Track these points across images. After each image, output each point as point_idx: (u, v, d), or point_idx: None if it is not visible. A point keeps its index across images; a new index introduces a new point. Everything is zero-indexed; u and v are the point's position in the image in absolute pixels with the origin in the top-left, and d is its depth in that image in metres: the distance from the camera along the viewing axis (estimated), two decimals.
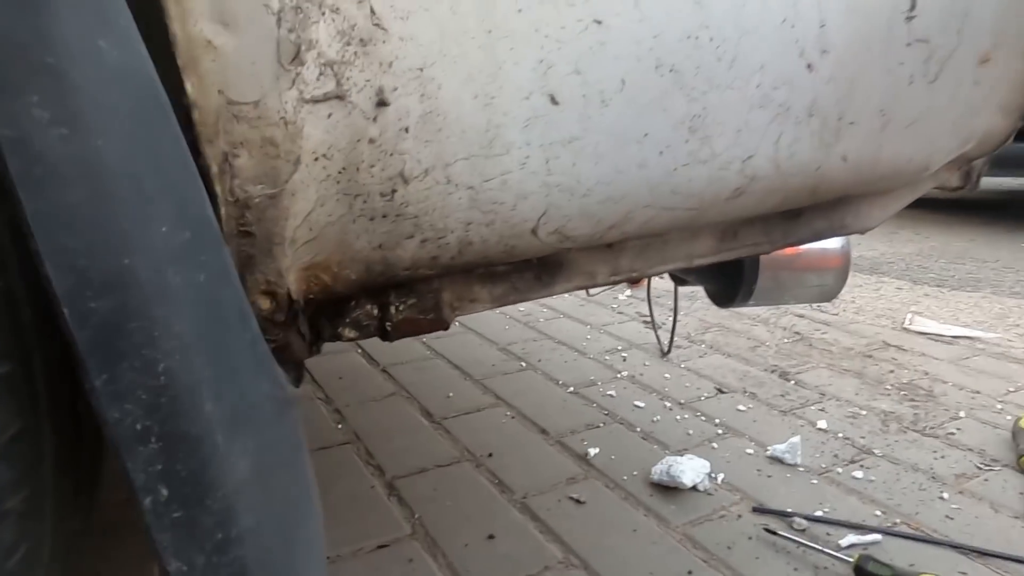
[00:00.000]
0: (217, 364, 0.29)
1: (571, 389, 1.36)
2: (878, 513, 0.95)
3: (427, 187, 0.37)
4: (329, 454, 1.11)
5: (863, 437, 1.16)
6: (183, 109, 0.29)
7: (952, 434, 1.18)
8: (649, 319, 1.67)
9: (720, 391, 1.35)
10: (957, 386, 1.38)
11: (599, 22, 0.38)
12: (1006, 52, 0.53)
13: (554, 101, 0.38)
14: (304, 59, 0.30)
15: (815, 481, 1.03)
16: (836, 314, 1.87)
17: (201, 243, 0.27)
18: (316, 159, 0.33)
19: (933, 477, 1.04)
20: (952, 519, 0.93)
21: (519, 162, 0.39)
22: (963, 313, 1.88)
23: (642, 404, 1.29)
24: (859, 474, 1.04)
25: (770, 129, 0.46)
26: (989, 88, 0.54)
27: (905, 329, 1.75)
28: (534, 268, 0.48)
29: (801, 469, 1.06)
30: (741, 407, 1.28)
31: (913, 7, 0.46)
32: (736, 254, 0.54)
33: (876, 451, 1.12)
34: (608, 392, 1.35)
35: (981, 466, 1.08)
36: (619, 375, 1.43)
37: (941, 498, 0.99)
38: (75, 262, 0.23)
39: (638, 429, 1.19)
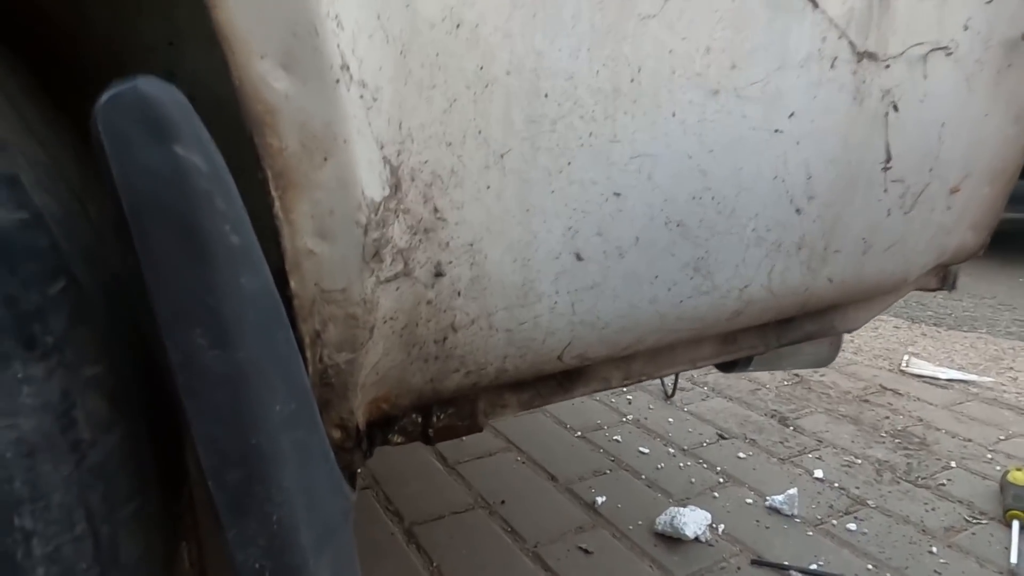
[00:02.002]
0: (309, 503, 0.36)
1: (579, 433, 1.43)
2: (870, 567, 1.01)
3: (472, 333, 0.44)
4: None
5: (857, 487, 1.23)
6: (286, 299, 0.36)
7: (943, 485, 1.24)
8: None
9: (721, 437, 1.42)
10: (950, 434, 1.45)
11: (618, 194, 0.45)
12: (974, 181, 0.60)
13: (579, 258, 0.45)
14: (383, 256, 0.37)
15: (811, 533, 1.09)
16: None
17: (302, 410, 0.35)
18: (385, 322, 0.40)
19: (924, 530, 1.11)
20: (940, 574, 1.00)
21: (549, 307, 0.46)
22: (958, 354, 1.94)
23: (646, 450, 1.35)
24: (853, 526, 1.11)
25: (764, 262, 0.53)
26: (960, 212, 0.61)
27: (902, 371, 1.81)
28: (557, 378, 0.55)
29: (798, 520, 1.12)
30: (741, 454, 1.34)
31: (889, 159, 0.53)
32: (735, 356, 0.62)
33: (870, 502, 1.18)
34: (614, 437, 1.41)
35: (970, 519, 1.14)
36: (625, 419, 1.50)
37: (931, 552, 1.05)
38: (219, 445, 0.31)
39: (643, 476, 1.26)
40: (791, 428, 1.46)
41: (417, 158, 0.38)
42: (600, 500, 1.16)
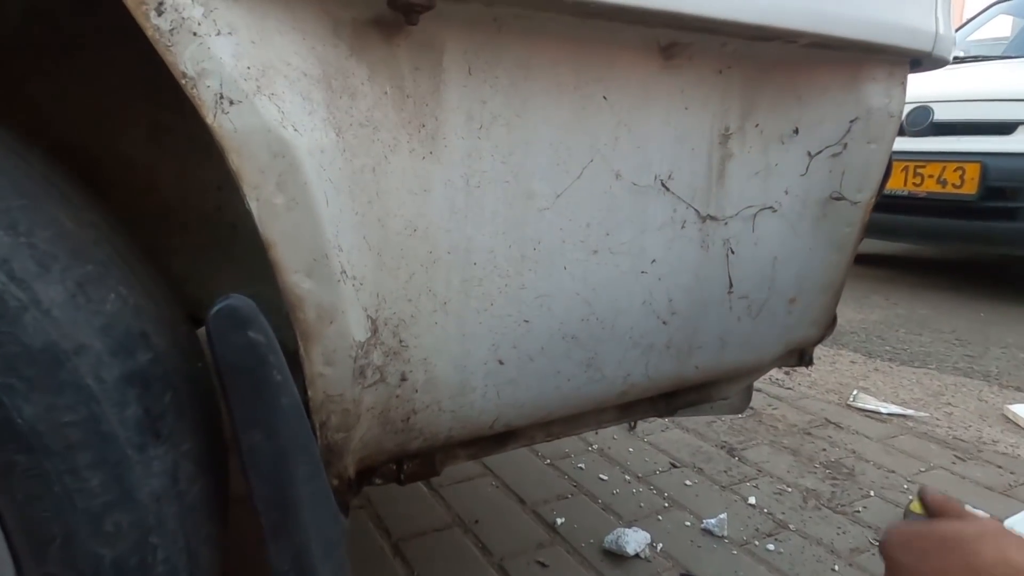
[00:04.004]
0: (317, 529, 0.59)
1: (548, 460, 1.65)
2: None
3: (428, 414, 0.67)
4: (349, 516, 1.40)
5: (783, 513, 1.45)
6: (305, 402, 0.59)
7: (858, 512, 1.46)
8: None
9: (673, 465, 1.64)
10: (876, 465, 1.66)
11: (527, 321, 0.68)
12: (808, 293, 0.83)
13: (501, 363, 0.68)
14: (366, 372, 0.60)
15: (735, 552, 1.31)
16: (791, 388, 2.15)
17: (314, 471, 0.57)
18: (368, 411, 0.63)
19: (832, 551, 1.32)
20: None
21: (481, 395, 0.69)
22: (904, 389, 2.16)
23: (605, 477, 1.58)
24: (772, 546, 1.33)
25: (640, 358, 0.76)
26: (799, 315, 0.83)
27: (848, 405, 2.03)
28: (494, 438, 0.78)
29: (726, 541, 1.34)
30: (688, 481, 1.56)
31: (731, 286, 0.76)
32: (633, 419, 0.84)
33: (791, 526, 1.40)
34: (579, 464, 1.63)
35: (873, 542, 1.36)
36: (590, 447, 1.72)
37: (833, 569, 1.27)
38: (267, 497, 0.53)
39: (599, 500, 1.48)
40: (736, 458, 1.68)
41: (389, 311, 0.61)
42: (560, 521, 1.38)
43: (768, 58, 0.71)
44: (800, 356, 0.90)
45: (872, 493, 1.53)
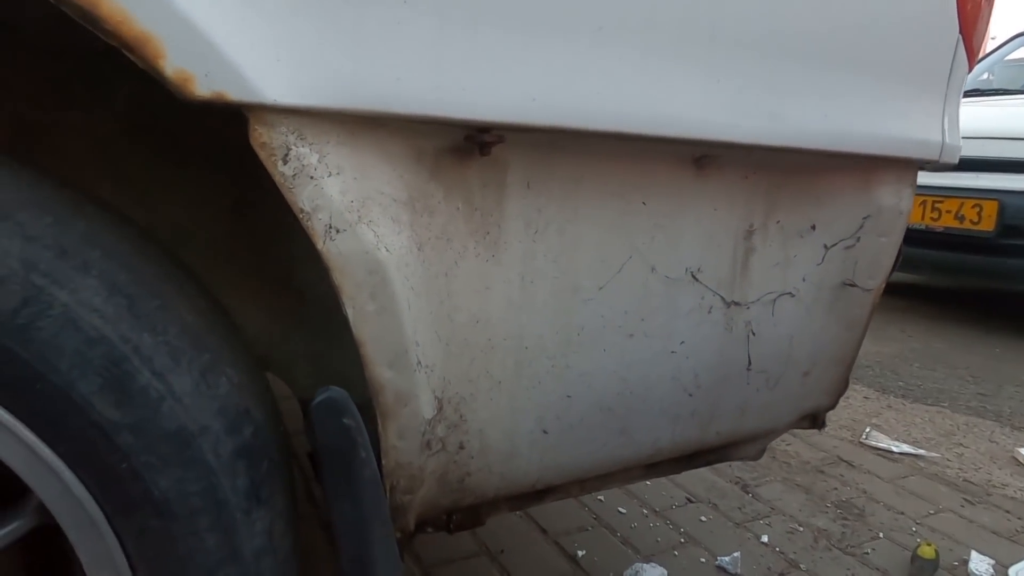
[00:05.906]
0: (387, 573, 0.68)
1: None
2: None
3: (480, 476, 0.76)
4: None
5: (795, 552, 1.52)
6: (381, 470, 0.68)
7: (867, 554, 1.53)
8: None
9: (689, 500, 1.72)
10: (886, 506, 1.73)
11: (569, 396, 0.77)
12: (821, 367, 0.91)
13: (545, 432, 0.78)
14: (431, 444, 0.70)
15: None
16: None
17: (386, 529, 0.67)
18: (430, 474, 0.73)
19: None
20: None
21: (526, 460, 0.78)
22: (916, 428, 2.22)
23: (624, 510, 1.66)
24: None
25: (668, 426, 0.85)
26: (813, 386, 0.92)
27: (861, 443, 2.10)
28: (534, 493, 0.87)
29: None
30: (703, 517, 1.64)
31: (750, 363, 0.85)
32: (657, 476, 0.93)
33: (802, 566, 1.48)
34: (599, 496, 1.72)
35: None
36: None
37: None
38: (350, 552, 0.63)
39: (618, 533, 1.56)
40: (750, 495, 1.76)
41: (452, 391, 0.70)
42: (581, 553, 1.47)
43: (789, 165, 0.80)
44: (813, 420, 0.98)
45: (881, 535, 1.61)
